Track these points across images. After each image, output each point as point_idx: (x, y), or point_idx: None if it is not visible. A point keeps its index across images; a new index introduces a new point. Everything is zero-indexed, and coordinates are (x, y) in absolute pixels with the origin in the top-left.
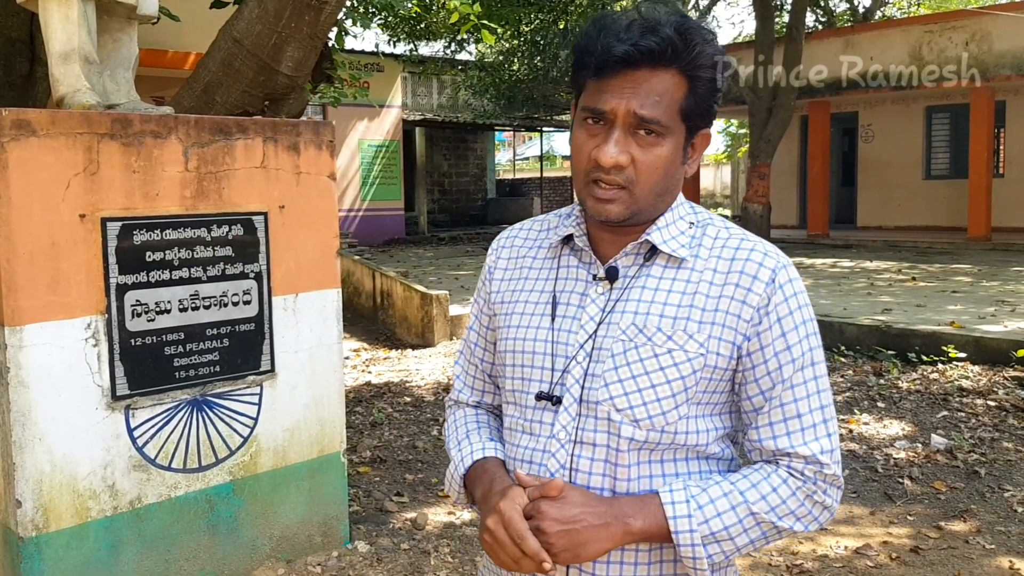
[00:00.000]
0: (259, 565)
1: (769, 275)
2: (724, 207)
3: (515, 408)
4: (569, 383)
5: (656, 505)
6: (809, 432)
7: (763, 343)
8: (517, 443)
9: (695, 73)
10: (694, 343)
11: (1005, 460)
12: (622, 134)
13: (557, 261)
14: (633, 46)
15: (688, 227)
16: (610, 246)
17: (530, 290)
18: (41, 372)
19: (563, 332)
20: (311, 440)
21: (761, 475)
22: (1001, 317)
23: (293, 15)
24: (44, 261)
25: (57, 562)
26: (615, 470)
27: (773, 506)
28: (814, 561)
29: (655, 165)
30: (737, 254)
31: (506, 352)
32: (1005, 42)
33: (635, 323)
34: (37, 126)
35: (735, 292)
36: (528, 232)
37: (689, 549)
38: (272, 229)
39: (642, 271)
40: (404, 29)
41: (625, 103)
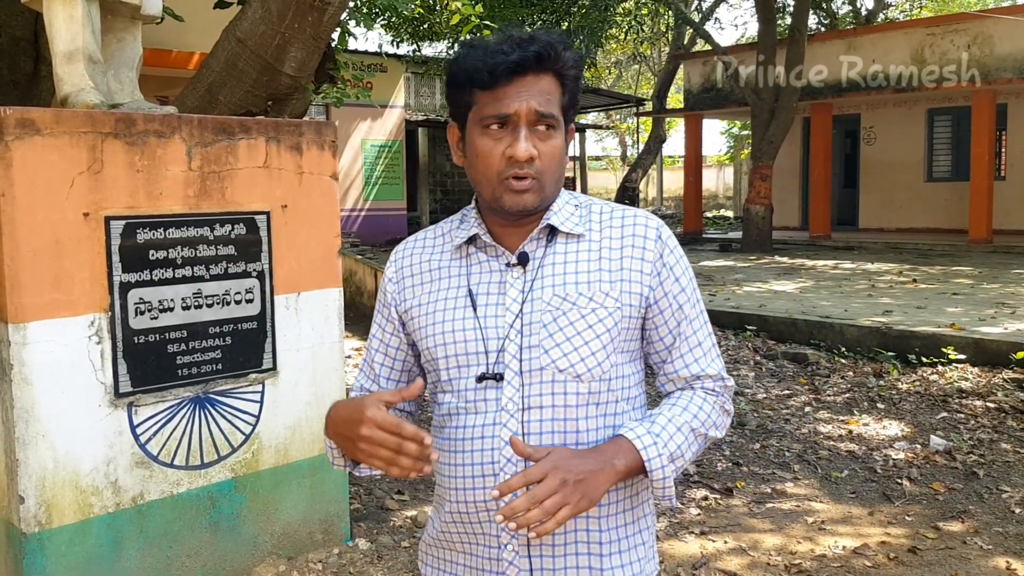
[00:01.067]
0: (260, 562)
1: (655, 234)
2: (726, 208)
3: (452, 395)
4: (507, 359)
5: (627, 444)
6: (711, 354)
7: (666, 290)
8: (463, 424)
9: (565, 73)
10: (611, 299)
11: (1003, 461)
12: (527, 131)
13: (466, 260)
14: (524, 53)
15: (575, 208)
16: (512, 238)
17: (445, 289)
18: (44, 369)
19: (489, 318)
20: (313, 438)
21: (686, 399)
22: (1001, 319)
23: (296, 16)
24: (48, 259)
25: (60, 558)
26: (564, 425)
27: (703, 420)
28: (812, 560)
29: (554, 155)
30: (624, 222)
31: (435, 347)
32: (1007, 45)
33: (556, 294)
34: (41, 125)
35: (633, 252)
36: (425, 241)
37: (660, 472)
38: (274, 228)
39: (548, 251)
40: (407, 30)
41: (526, 104)
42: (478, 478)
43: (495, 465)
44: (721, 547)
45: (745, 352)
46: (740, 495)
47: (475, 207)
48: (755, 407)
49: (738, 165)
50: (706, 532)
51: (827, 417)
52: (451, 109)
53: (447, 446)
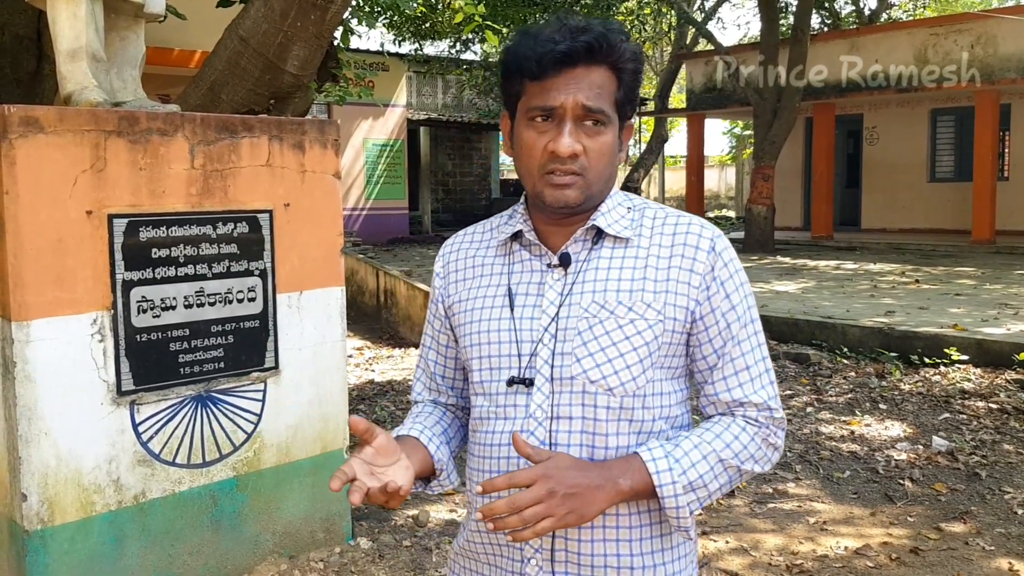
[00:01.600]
0: (262, 560)
1: (709, 244)
2: (728, 208)
3: (485, 397)
4: (539, 364)
5: (639, 463)
6: (758, 381)
7: (713, 305)
8: (492, 429)
9: (622, 66)
10: (652, 311)
11: (1006, 462)
12: (573, 126)
13: (509, 257)
14: (574, 43)
15: (627, 211)
16: (557, 237)
17: (486, 286)
18: (47, 367)
19: (525, 319)
20: (314, 437)
21: (722, 426)
22: (1004, 320)
23: (299, 14)
24: (51, 257)
25: (62, 555)
26: (593, 439)
27: (736, 452)
28: (814, 561)
29: (602, 152)
30: (677, 229)
31: (470, 346)
32: (1010, 45)
33: (595, 300)
34: (45, 123)
35: (682, 262)
36: (474, 236)
37: (672, 500)
38: (277, 227)
39: (592, 254)
40: (409, 29)
41: (573, 97)
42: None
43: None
44: (723, 547)
45: None
46: (741, 495)
47: (524, 202)
48: None
49: (740, 165)
50: (707, 532)
51: (829, 417)
52: (504, 97)
53: (477, 451)
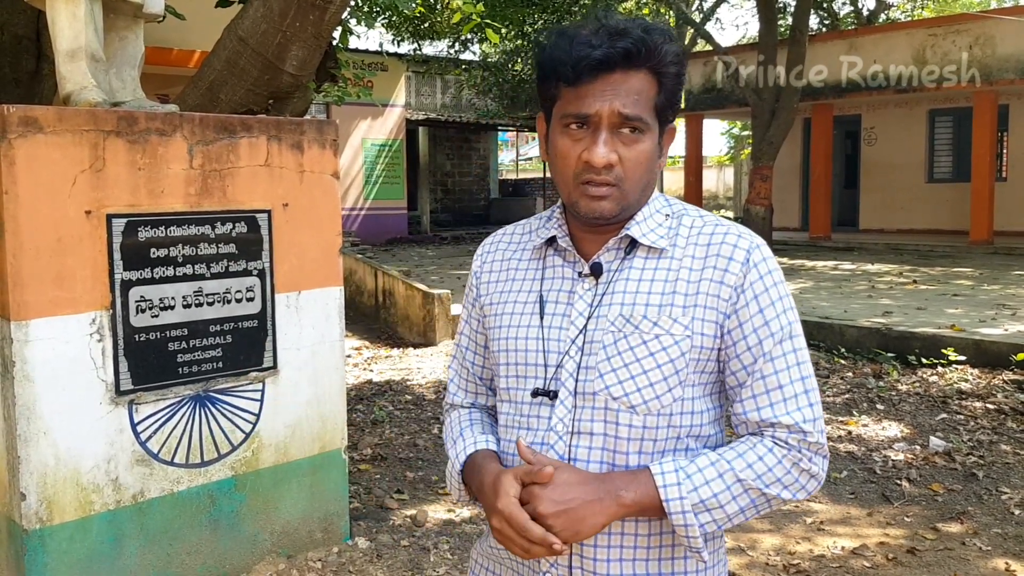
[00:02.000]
0: (260, 560)
1: (743, 255)
2: (727, 209)
3: (510, 405)
4: (563, 377)
5: (647, 477)
6: (791, 402)
7: (741, 320)
8: (514, 439)
9: (663, 70)
10: (679, 326)
11: (1003, 463)
12: (608, 135)
13: (542, 262)
14: (611, 49)
15: (664, 219)
16: (592, 244)
17: (518, 291)
18: (46, 367)
19: (553, 329)
20: (312, 437)
21: (747, 445)
22: (1001, 320)
23: (298, 14)
24: (50, 257)
25: (60, 555)
26: (614, 457)
27: (760, 474)
28: (811, 561)
29: (639, 161)
30: (712, 239)
31: (499, 351)
32: (1009, 46)
33: (622, 314)
34: (44, 123)
35: (713, 274)
36: (512, 236)
37: (680, 517)
38: (275, 227)
39: (624, 264)
40: (408, 28)
41: (609, 104)
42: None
43: None
44: None
45: None
46: None
47: (561, 206)
48: None
49: (738, 165)
50: None
51: (826, 418)
52: (540, 99)
53: (503, 460)
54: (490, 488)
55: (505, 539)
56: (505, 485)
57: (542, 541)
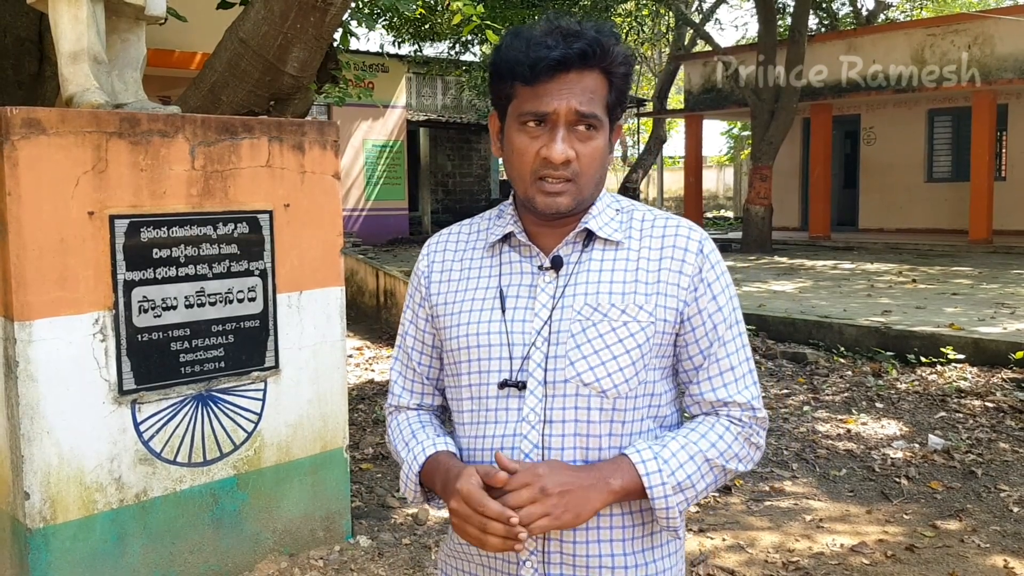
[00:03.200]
0: (262, 558)
1: (697, 247)
2: (726, 209)
3: (474, 401)
4: (531, 368)
5: (628, 465)
6: (741, 382)
7: (700, 307)
8: (482, 434)
9: (614, 70)
10: (644, 313)
11: (1002, 460)
12: (565, 131)
13: (498, 258)
14: (568, 50)
15: (616, 213)
16: (548, 239)
17: (474, 288)
18: (49, 366)
19: (516, 322)
20: (314, 436)
21: (707, 426)
22: (1000, 319)
23: (299, 16)
24: (53, 257)
25: (64, 554)
26: (587, 441)
27: (722, 451)
28: (810, 559)
29: (594, 156)
30: (667, 231)
31: (459, 349)
32: (1007, 45)
33: (588, 303)
34: (47, 125)
35: (671, 264)
36: (459, 235)
37: (663, 500)
38: (277, 227)
39: (583, 256)
40: (409, 30)
41: (566, 103)
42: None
43: None
44: (719, 544)
45: None
46: (738, 493)
47: (512, 203)
48: None
49: (738, 165)
50: (704, 529)
51: (826, 416)
52: (492, 98)
53: (465, 456)
54: (454, 479)
55: (462, 522)
56: (467, 471)
57: (499, 515)
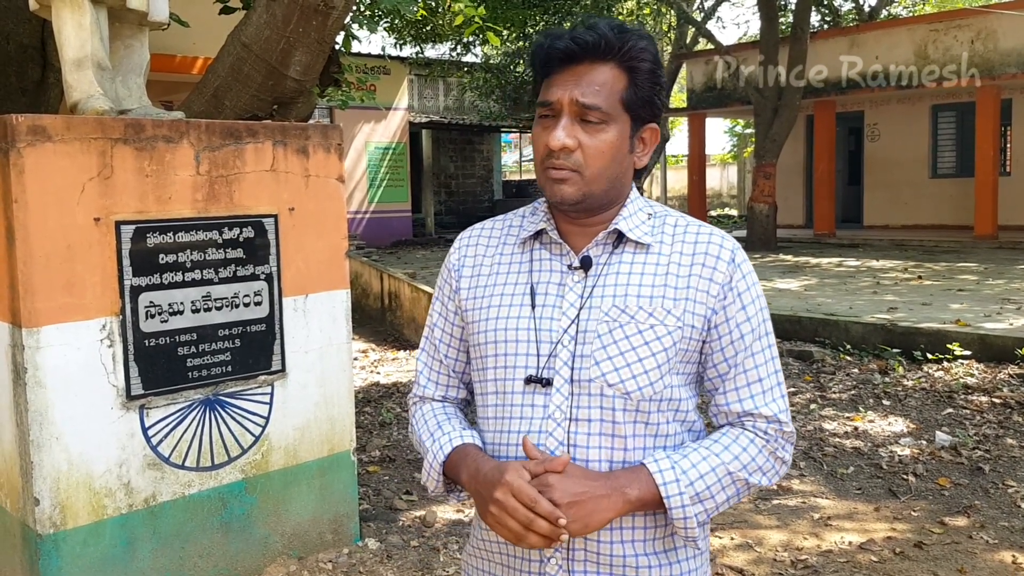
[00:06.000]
0: (271, 562)
1: (729, 256)
2: (730, 207)
3: (499, 396)
4: (558, 365)
5: (646, 475)
6: (769, 394)
7: (728, 315)
8: (507, 429)
9: (633, 65)
10: (672, 317)
11: (1009, 456)
12: (569, 121)
13: (529, 255)
14: (572, 40)
15: (647, 218)
16: (578, 238)
17: (504, 283)
18: (58, 372)
19: (545, 319)
20: (321, 439)
21: (730, 437)
22: (1006, 315)
23: (301, 20)
24: (60, 264)
25: (74, 559)
26: (612, 441)
27: (744, 464)
28: (818, 556)
29: (601, 149)
30: (699, 238)
31: (486, 343)
32: (1011, 40)
33: (616, 304)
34: (52, 132)
35: (702, 271)
36: (492, 230)
37: (680, 510)
38: (282, 231)
39: (612, 258)
40: (410, 32)
41: (568, 93)
42: None
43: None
44: (727, 543)
45: None
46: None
47: (546, 200)
48: None
49: (742, 164)
50: (712, 528)
51: (832, 414)
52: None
53: (489, 451)
54: (493, 471)
55: (505, 513)
56: (514, 465)
57: (549, 514)
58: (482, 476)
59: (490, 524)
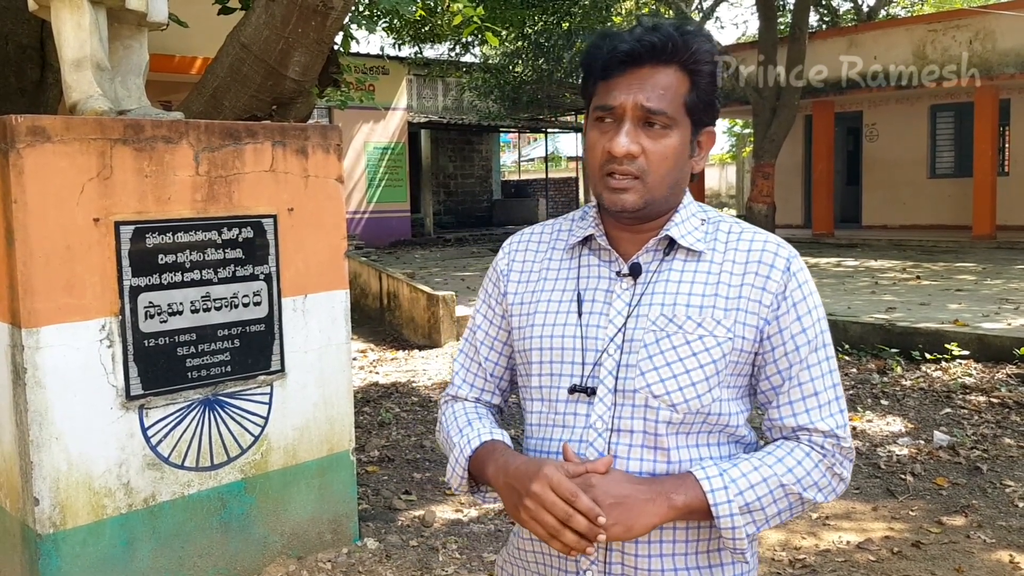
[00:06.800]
0: (270, 562)
1: (784, 264)
2: (729, 207)
3: (544, 404)
4: (602, 375)
5: (693, 482)
6: (826, 408)
7: (782, 326)
8: (549, 437)
9: (696, 68)
10: (722, 328)
11: (1007, 456)
12: (632, 126)
13: (577, 261)
14: (637, 42)
15: (700, 223)
16: (628, 244)
17: (551, 289)
18: (57, 373)
19: (591, 327)
20: (320, 439)
21: (785, 450)
22: (1004, 315)
23: (300, 21)
24: (60, 264)
25: (74, 559)
26: (654, 454)
27: (799, 478)
28: (816, 556)
29: (665, 155)
30: (752, 246)
31: (531, 350)
32: (1009, 40)
33: (664, 314)
34: (52, 132)
35: (755, 280)
36: (540, 236)
37: (728, 520)
38: (281, 231)
39: (663, 265)
40: (409, 32)
41: (633, 97)
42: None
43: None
44: None
45: None
46: None
47: (596, 205)
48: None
49: (740, 164)
50: None
51: None
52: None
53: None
54: (527, 464)
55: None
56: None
57: (589, 511)
58: (513, 469)
59: (522, 520)
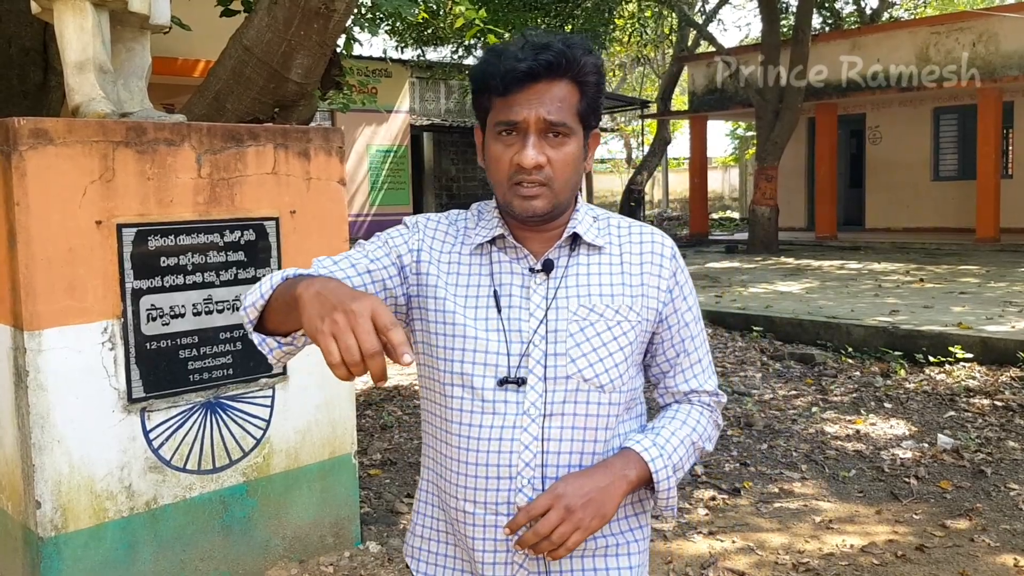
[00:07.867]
0: (272, 565)
1: (671, 252)
2: (732, 210)
3: (468, 391)
4: (531, 364)
5: (636, 456)
6: (708, 371)
7: (676, 307)
8: (477, 423)
9: (583, 79)
10: (633, 313)
11: (1011, 459)
12: (537, 139)
13: (488, 258)
14: (535, 61)
15: (593, 221)
16: (534, 243)
17: (466, 284)
18: (59, 375)
19: (513, 320)
20: (322, 442)
21: (685, 413)
22: (1008, 318)
23: (302, 23)
24: (62, 266)
25: (76, 562)
26: (583, 434)
27: (700, 434)
28: (820, 559)
29: (567, 161)
30: (643, 238)
31: (454, 336)
32: (1012, 43)
33: (583, 304)
34: (54, 134)
35: (651, 269)
36: (447, 229)
37: (666, 483)
38: (283, 234)
39: (571, 260)
40: (411, 35)
41: (535, 112)
42: (492, 479)
43: (512, 468)
44: (729, 547)
45: (752, 353)
46: (747, 495)
47: (496, 206)
48: (762, 407)
49: (743, 166)
50: (714, 532)
51: (834, 417)
52: (475, 113)
53: (456, 443)
54: (356, 291)
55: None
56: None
57: (398, 346)
58: (335, 285)
59: (317, 329)
